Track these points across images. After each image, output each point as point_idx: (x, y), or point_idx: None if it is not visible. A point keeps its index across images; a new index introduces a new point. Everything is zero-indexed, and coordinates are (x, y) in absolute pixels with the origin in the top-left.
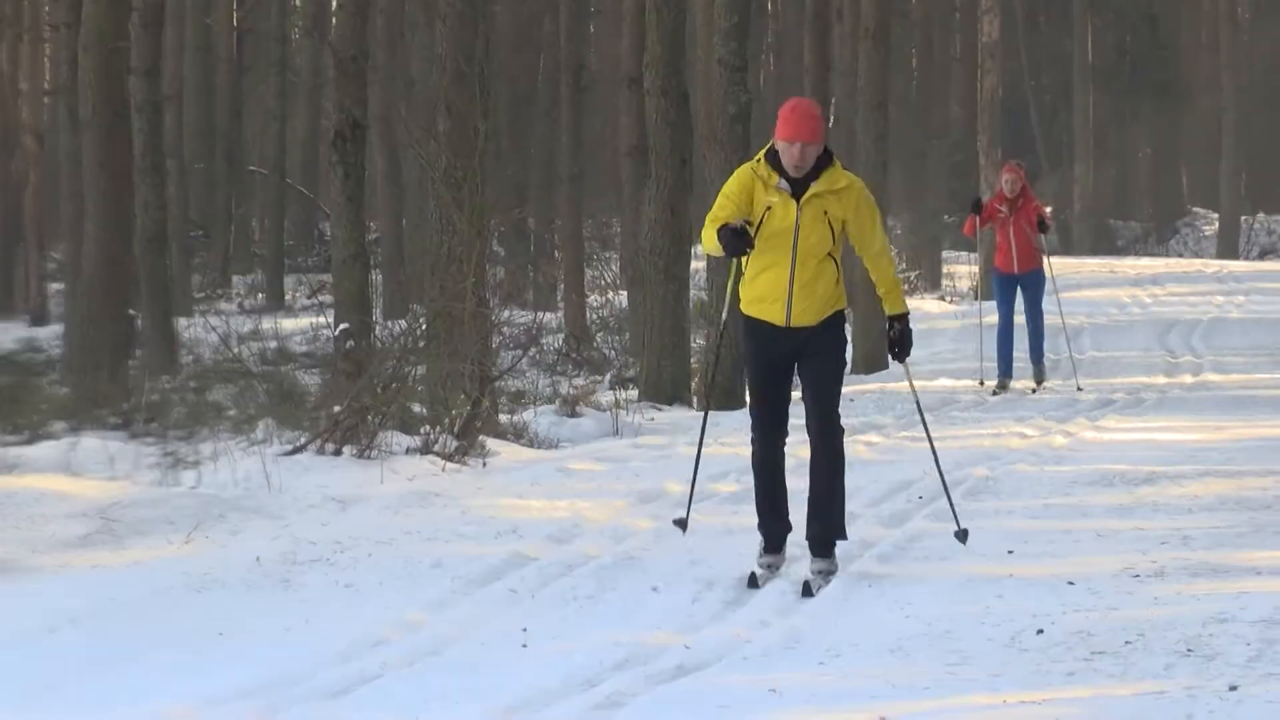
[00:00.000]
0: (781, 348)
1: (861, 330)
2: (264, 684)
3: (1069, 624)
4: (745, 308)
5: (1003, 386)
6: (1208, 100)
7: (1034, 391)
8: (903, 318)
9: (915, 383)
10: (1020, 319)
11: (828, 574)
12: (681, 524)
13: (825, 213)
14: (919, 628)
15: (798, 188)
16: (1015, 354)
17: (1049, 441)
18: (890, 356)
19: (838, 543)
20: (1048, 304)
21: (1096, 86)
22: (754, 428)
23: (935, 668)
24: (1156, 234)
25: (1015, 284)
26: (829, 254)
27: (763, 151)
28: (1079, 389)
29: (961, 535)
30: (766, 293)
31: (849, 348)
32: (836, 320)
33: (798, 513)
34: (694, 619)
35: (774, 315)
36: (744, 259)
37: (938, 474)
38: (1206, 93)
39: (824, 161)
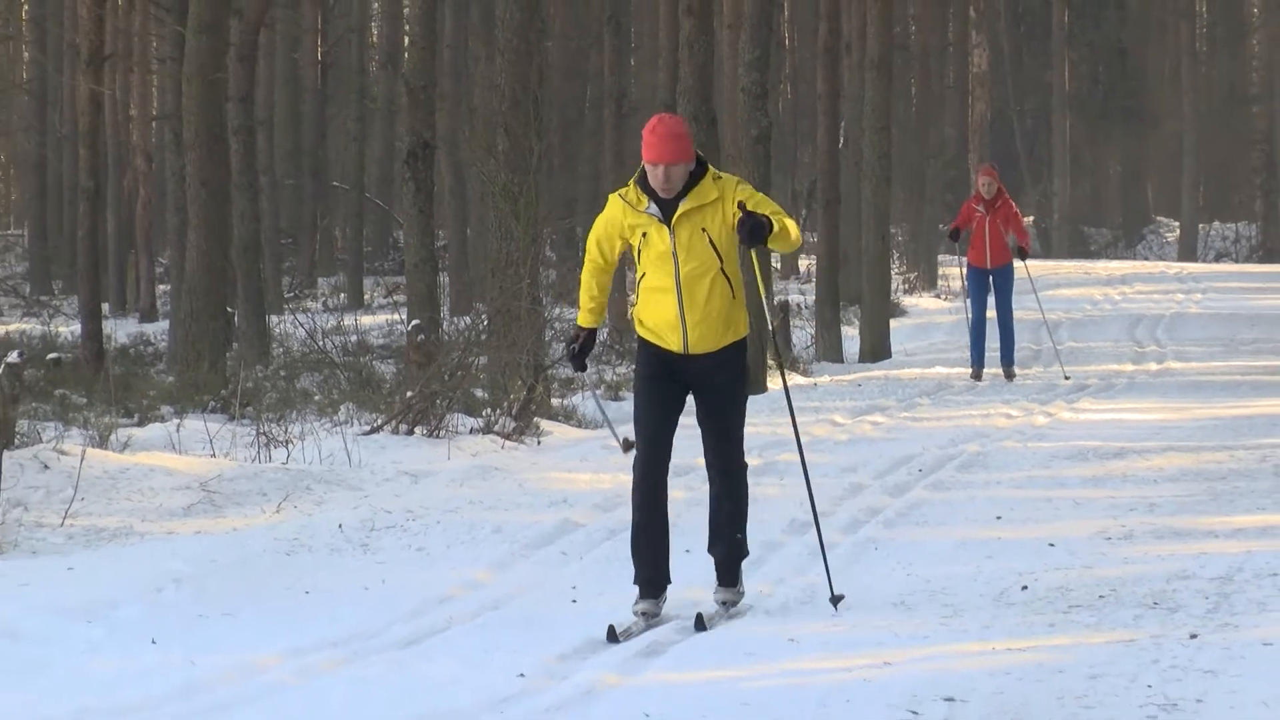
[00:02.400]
0: (678, 376)
1: (868, 323)
2: (345, 636)
3: (1050, 581)
4: (641, 330)
5: (976, 376)
6: (1170, 123)
7: (1008, 380)
8: (755, 215)
9: (913, 371)
10: (993, 314)
11: (731, 604)
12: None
13: (703, 230)
14: (919, 584)
15: (667, 210)
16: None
17: (1032, 421)
18: (737, 229)
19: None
20: (1030, 301)
21: (1073, 111)
22: (637, 448)
23: (933, 619)
24: (1125, 240)
25: (987, 277)
26: (720, 271)
27: (635, 176)
28: (1066, 378)
29: (835, 601)
30: (661, 321)
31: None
32: (737, 349)
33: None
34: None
35: (671, 343)
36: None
37: (812, 519)
38: (1169, 117)
39: (697, 174)
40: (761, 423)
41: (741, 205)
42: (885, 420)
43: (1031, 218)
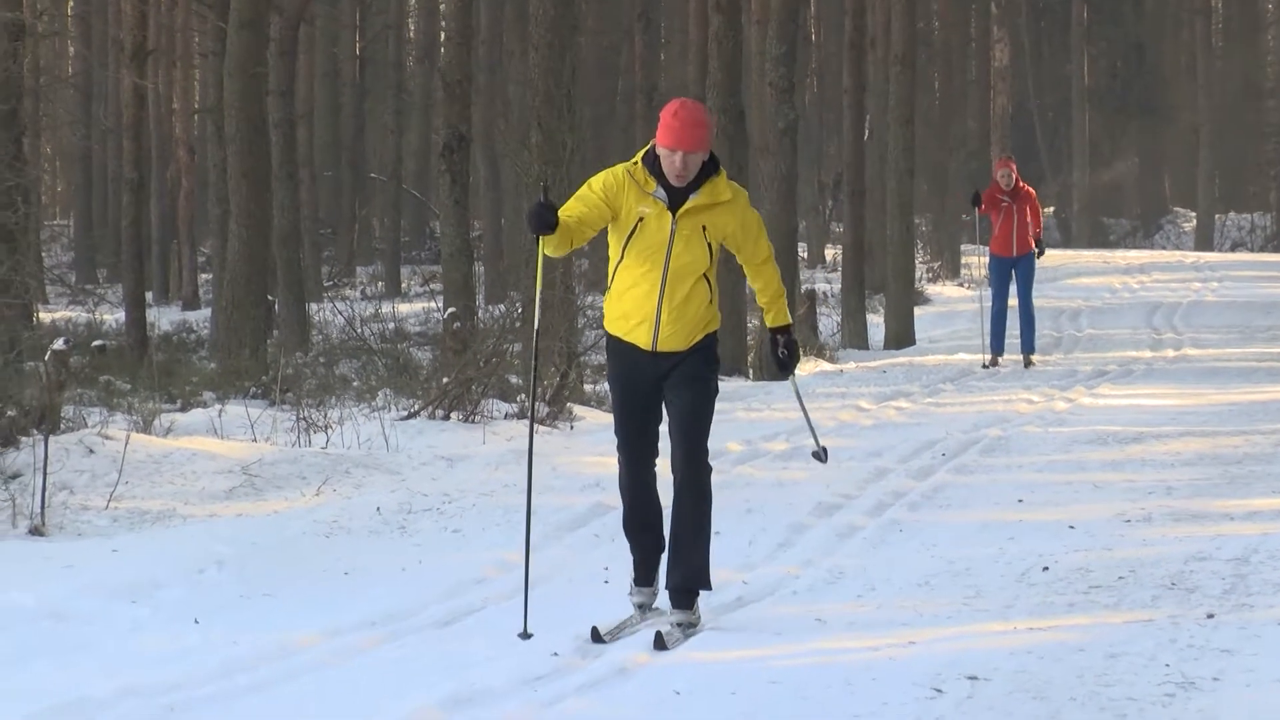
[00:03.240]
0: (646, 372)
1: (893, 311)
2: (383, 615)
3: (1070, 562)
4: (609, 324)
5: (994, 362)
6: (1186, 116)
7: (1025, 367)
8: (787, 329)
9: (936, 357)
10: (1014, 302)
11: (687, 626)
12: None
13: (704, 229)
14: (942, 566)
15: (676, 199)
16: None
17: (1052, 406)
18: (778, 368)
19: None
20: (1061, 288)
21: (1092, 105)
22: (620, 449)
23: (956, 600)
24: (1143, 230)
25: (1010, 267)
26: (704, 274)
27: (641, 153)
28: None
29: (821, 454)
30: (632, 311)
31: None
32: (707, 344)
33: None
34: (750, 559)
35: (639, 338)
36: (542, 241)
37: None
38: (1185, 110)
39: (708, 170)
40: (790, 407)
41: (774, 335)
42: (910, 406)
43: (1051, 208)
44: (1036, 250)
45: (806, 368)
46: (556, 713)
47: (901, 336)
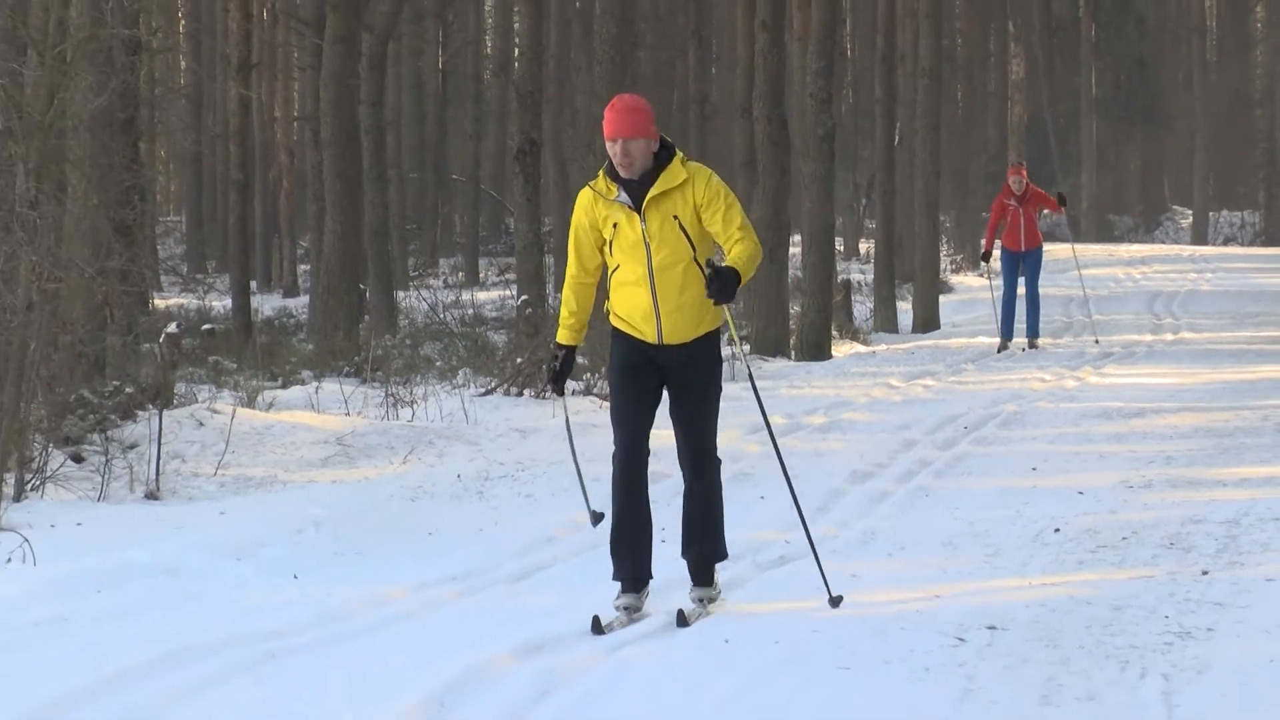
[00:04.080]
0: (652, 366)
1: (920, 298)
2: (463, 572)
3: (1079, 524)
4: (615, 321)
5: (1004, 347)
6: (1184, 124)
7: (1024, 350)
8: (731, 269)
9: (959, 340)
10: (1023, 290)
11: (708, 601)
12: (596, 518)
13: (675, 217)
14: (964, 527)
15: (636, 195)
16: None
17: (1063, 384)
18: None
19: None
20: (1067, 278)
21: (1099, 114)
22: (615, 439)
23: (977, 558)
24: (1145, 226)
25: (1018, 260)
26: (693, 260)
27: (604, 165)
28: (1096, 343)
29: (835, 601)
30: (634, 310)
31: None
32: (715, 340)
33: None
34: (791, 520)
35: (645, 334)
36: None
37: (796, 506)
38: (1183, 118)
39: (663, 159)
40: (828, 385)
41: (710, 264)
42: (935, 383)
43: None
44: (1060, 202)
45: (841, 349)
46: (617, 659)
47: (928, 321)
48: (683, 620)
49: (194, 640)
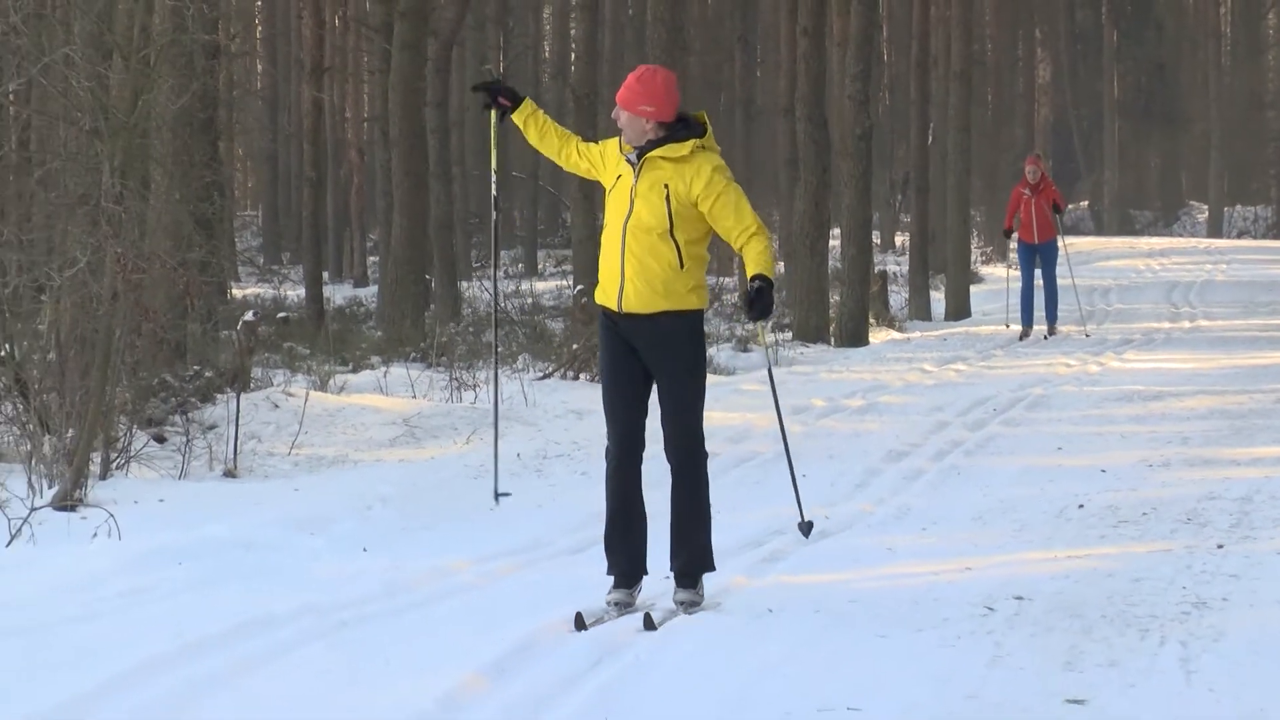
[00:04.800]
0: (624, 342)
1: (952, 288)
2: (522, 545)
3: (1101, 501)
4: (596, 294)
5: (1025, 334)
6: (1200, 124)
7: (1046, 338)
8: (763, 278)
9: (988, 328)
10: (1040, 281)
11: (692, 605)
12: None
13: (665, 185)
14: (993, 503)
15: (640, 153)
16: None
17: (1086, 369)
18: (745, 313)
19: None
20: (1080, 270)
21: (1120, 115)
22: (607, 431)
23: (1005, 532)
24: (1164, 220)
25: (1035, 251)
26: (668, 233)
27: None
28: (1086, 335)
29: (805, 527)
30: (605, 269)
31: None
32: (685, 322)
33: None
34: (831, 497)
35: (609, 298)
36: (493, 112)
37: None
38: (1199, 119)
39: (678, 134)
40: (865, 370)
41: (756, 278)
42: (966, 368)
43: (1086, 201)
44: (1054, 210)
45: (878, 335)
46: (666, 628)
47: (959, 310)
48: (650, 624)
49: (269, 610)
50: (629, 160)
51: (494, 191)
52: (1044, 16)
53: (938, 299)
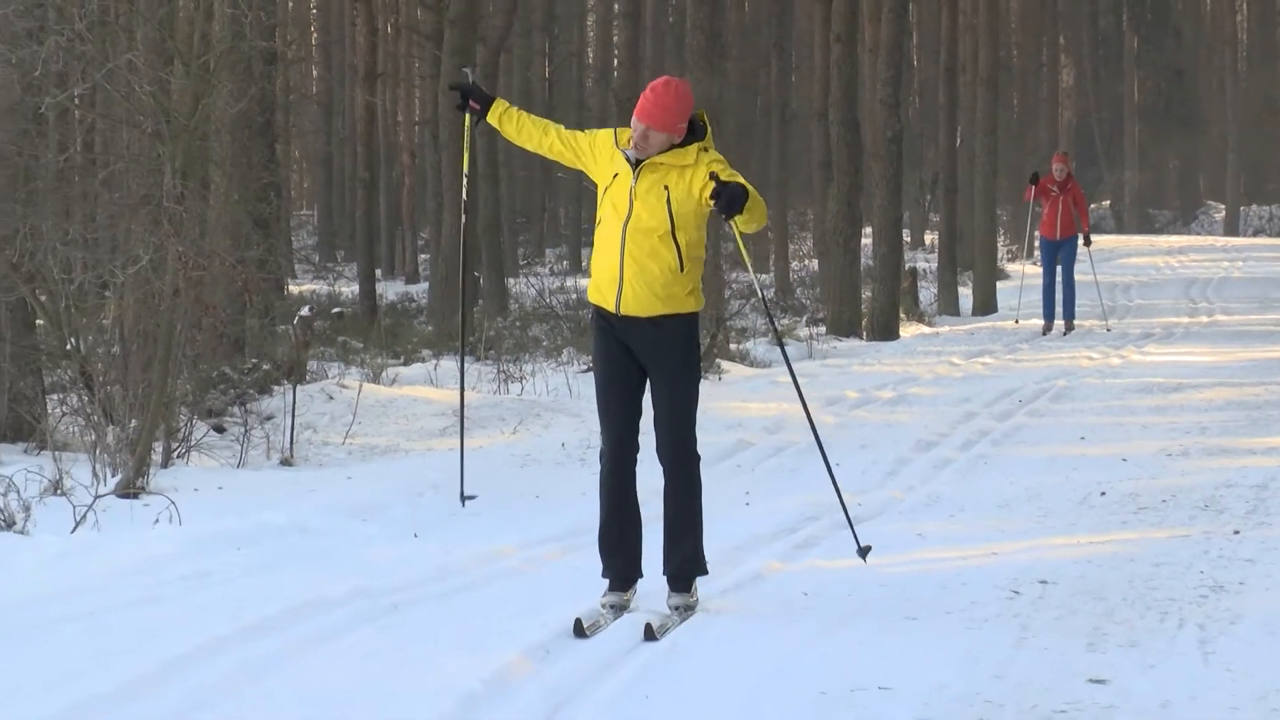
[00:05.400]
0: (620, 343)
1: (979, 284)
2: (566, 531)
3: (1123, 489)
4: (590, 292)
5: (1047, 329)
6: (1217, 127)
7: (1065, 334)
8: (737, 183)
9: (1021, 321)
10: (1059, 278)
11: (685, 609)
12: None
13: (665, 188)
14: (1019, 491)
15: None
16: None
17: (1108, 362)
18: (712, 198)
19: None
20: (1104, 268)
21: (1140, 118)
22: (601, 433)
23: (1030, 519)
24: (1182, 219)
25: (1056, 248)
26: (670, 234)
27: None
28: (1108, 329)
29: (863, 552)
30: (602, 270)
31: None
32: (682, 325)
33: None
34: (863, 485)
35: (606, 299)
36: (466, 115)
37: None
38: (1216, 122)
39: (686, 141)
40: (896, 363)
41: (714, 175)
42: (993, 361)
43: (1108, 201)
44: (1083, 239)
45: (908, 330)
46: (704, 610)
47: (986, 305)
48: (650, 634)
49: (323, 593)
50: (627, 156)
51: (463, 195)
52: (1067, 24)
53: (965, 295)
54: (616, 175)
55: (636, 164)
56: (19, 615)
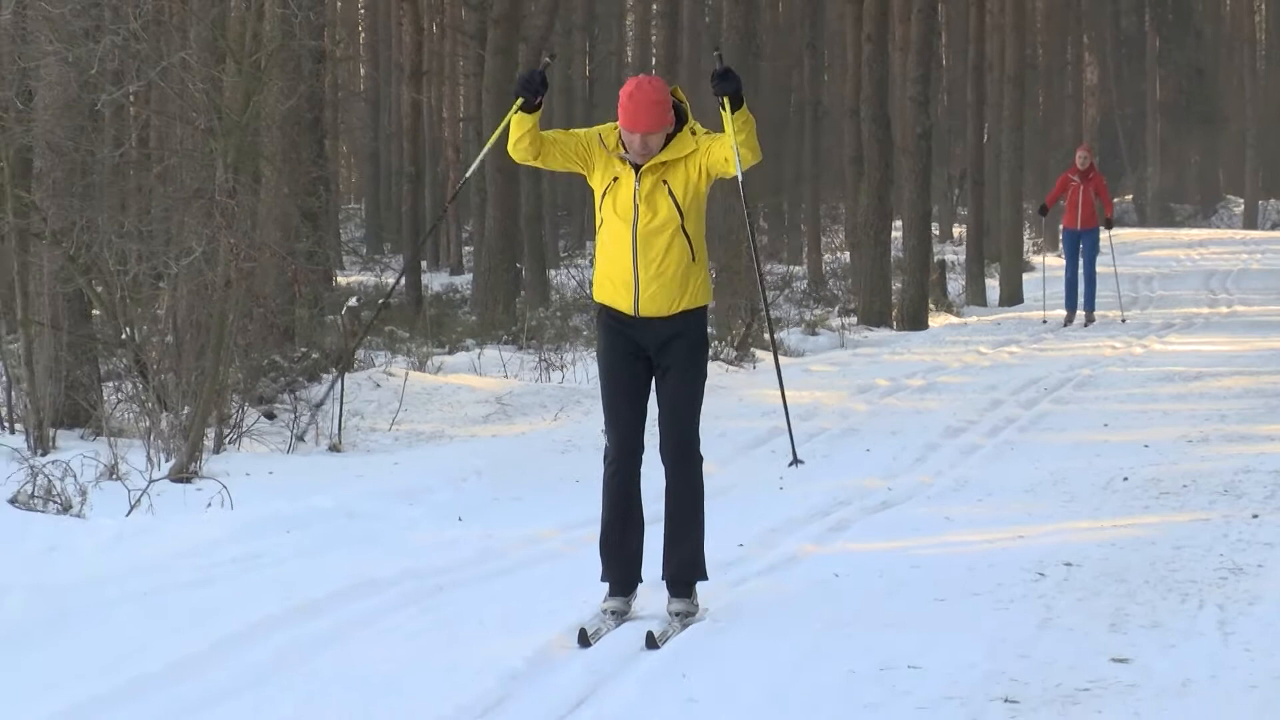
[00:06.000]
0: (631, 343)
1: (1005, 276)
2: None
3: (1145, 474)
4: (596, 292)
5: (1069, 319)
6: (1236, 123)
7: (1086, 325)
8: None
9: (1039, 313)
10: (1081, 270)
11: (686, 616)
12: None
13: (664, 182)
14: (1044, 476)
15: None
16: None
17: (1131, 351)
18: (714, 85)
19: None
20: (1127, 259)
21: (1162, 115)
22: (606, 432)
23: (1055, 503)
24: (1202, 213)
25: (1078, 238)
26: (680, 228)
27: (616, 124)
28: (1124, 320)
29: (795, 464)
30: (613, 273)
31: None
32: (696, 321)
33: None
34: (893, 470)
35: (621, 302)
36: (518, 115)
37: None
38: (1235, 119)
39: (675, 128)
40: (925, 352)
41: (713, 72)
42: (1019, 350)
43: (1130, 195)
44: (1105, 224)
45: (937, 320)
46: (741, 590)
47: (1012, 296)
48: (652, 643)
49: (371, 575)
50: (626, 159)
51: (452, 188)
52: (1091, 23)
53: (992, 286)
54: (616, 179)
55: (637, 168)
56: (77, 596)
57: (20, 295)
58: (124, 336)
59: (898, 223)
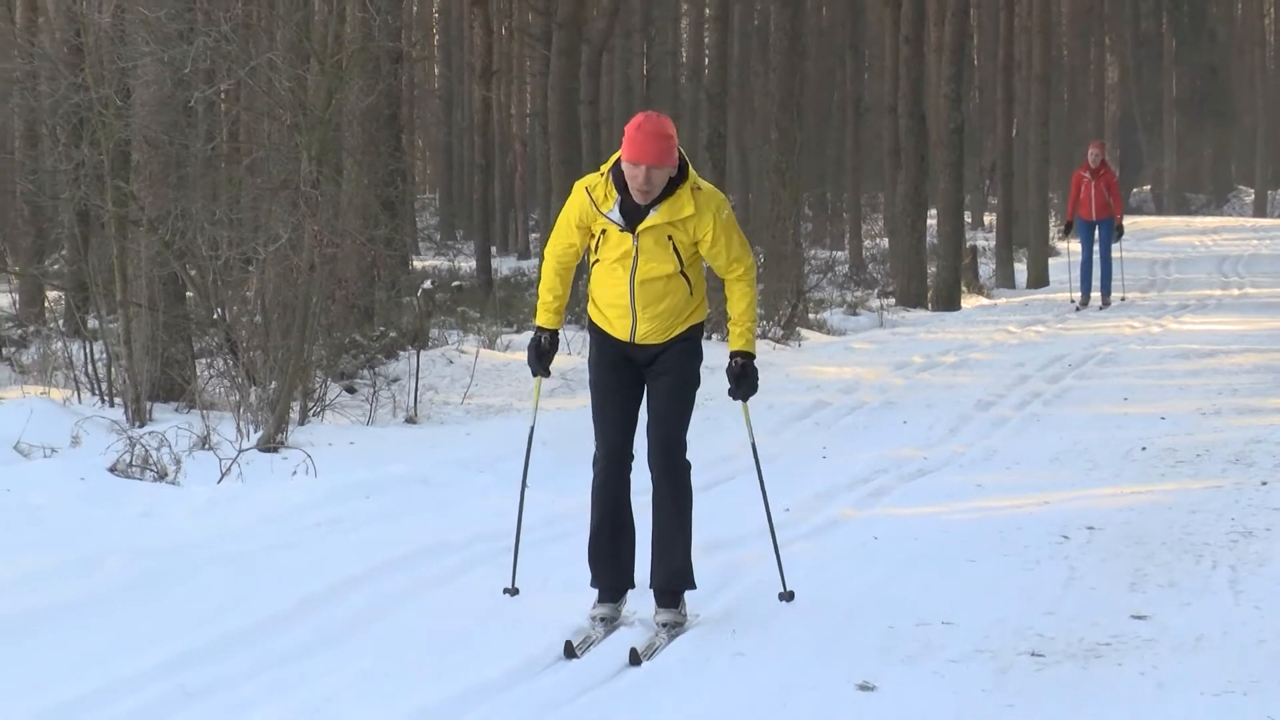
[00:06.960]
0: (626, 355)
1: (1032, 260)
2: None
3: (1162, 444)
4: (590, 313)
5: (1084, 303)
6: (1248, 119)
7: (1101, 307)
8: (745, 354)
9: (1064, 295)
10: (1097, 256)
11: (674, 626)
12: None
13: (669, 238)
14: (1068, 445)
15: (631, 219)
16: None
17: (1148, 330)
18: (730, 392)
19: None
20: (1138, 246)
21: (1178, 111)
22: (596, 440)
23: (1078, 471)
24: (1215, 202)
25: (1092, 227)
26: (680, 272)
27: (609, 164)
28: (1122, 299)
29: (787, 597)
30: (609, 307)
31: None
32: (696, 336)
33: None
34: (928, 440)
35: (619, 332)
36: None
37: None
38: (1247, 114)
39: (675, 181)
40: (957, 331)
41: (732, 358)
42: (1045, 329)
43: (1149, 186)
44: (1117, 229)
45: (969, 301)
46: (789, 551)
47: (1039, 279)
48: (635, 659)
49: (444, 538)
50: (613, 220)
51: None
52: (1113, 26)
53: (1020, 270)
54: (606, 231)
55: (631, 226)
56: (171, 559)
57: (120, 278)
58: (215, 316)
59: (933, 211)
